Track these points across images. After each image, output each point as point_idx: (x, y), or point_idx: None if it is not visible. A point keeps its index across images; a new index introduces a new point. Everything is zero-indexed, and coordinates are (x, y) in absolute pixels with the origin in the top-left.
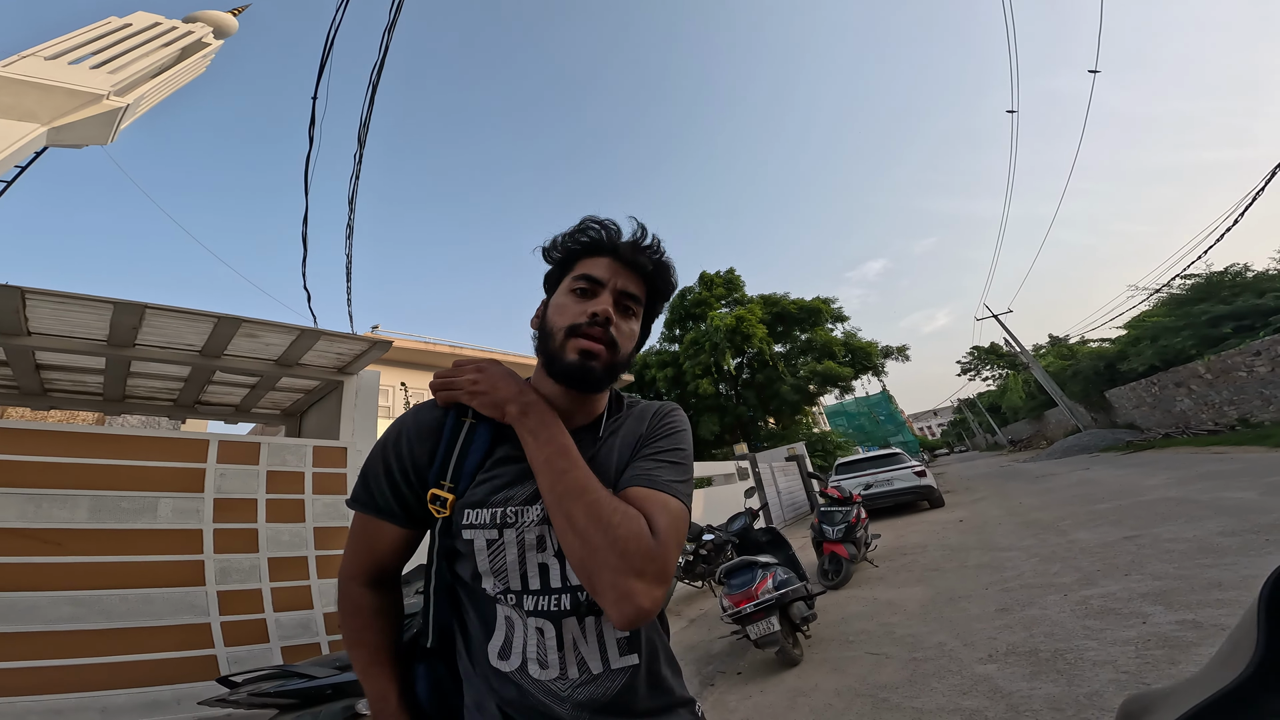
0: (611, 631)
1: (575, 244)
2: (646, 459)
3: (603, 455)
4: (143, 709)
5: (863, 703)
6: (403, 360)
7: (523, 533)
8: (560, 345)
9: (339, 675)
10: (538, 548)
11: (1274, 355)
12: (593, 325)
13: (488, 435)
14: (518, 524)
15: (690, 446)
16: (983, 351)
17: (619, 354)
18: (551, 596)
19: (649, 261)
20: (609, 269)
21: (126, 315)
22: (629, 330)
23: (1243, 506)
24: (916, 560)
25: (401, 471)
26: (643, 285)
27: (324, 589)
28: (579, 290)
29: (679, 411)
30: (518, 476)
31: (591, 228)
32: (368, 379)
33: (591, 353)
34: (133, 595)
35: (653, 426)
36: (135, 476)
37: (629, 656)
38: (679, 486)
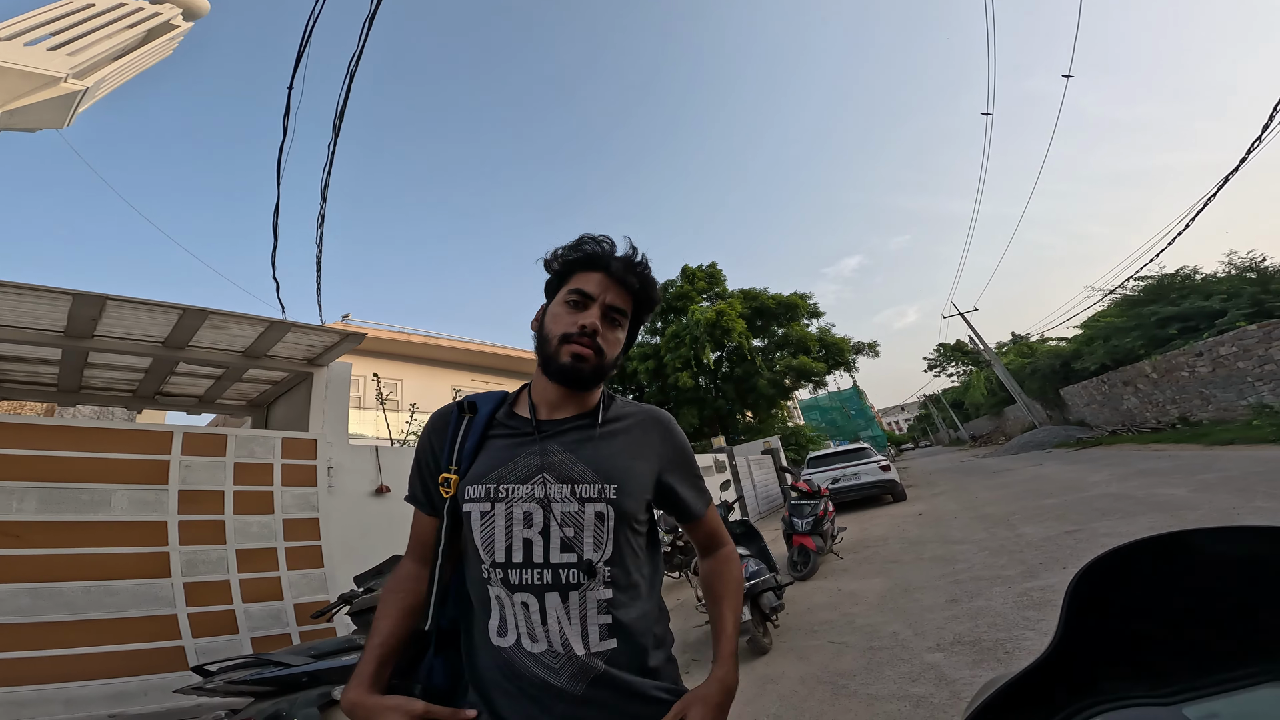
0: (594, 615)
1: (572, 258)
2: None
3: (603, 447)
4: (109, 700)
5: (824, 689)
6: (376, 350)
7: (511, 506)
8: (555, 350)
9: (314, 663)
10: (524, 523)
11: (1215, 356)
12: (582, 335)
13: (483, 422)
14: (508, 499)
15: (688, 442)
16: (949, 348)
17: (606, 359)
18: (534, 571)
19: (636, 280)
20: (600, 284)
21: (86, 307)
22: (615, 339)
23: (1173, 503)
24: (878, 552)
25: (426, 465)
26: (629, 300)
27: (294, 580)
28: (572, 302)
29: (674, 424)
30: (509, 453)
31: (588, 244)
32: (339, 371)
33: (581, 356)
34: (95, 587)
35: (674, 446)
36: (94, 469)
37: (608, 641)
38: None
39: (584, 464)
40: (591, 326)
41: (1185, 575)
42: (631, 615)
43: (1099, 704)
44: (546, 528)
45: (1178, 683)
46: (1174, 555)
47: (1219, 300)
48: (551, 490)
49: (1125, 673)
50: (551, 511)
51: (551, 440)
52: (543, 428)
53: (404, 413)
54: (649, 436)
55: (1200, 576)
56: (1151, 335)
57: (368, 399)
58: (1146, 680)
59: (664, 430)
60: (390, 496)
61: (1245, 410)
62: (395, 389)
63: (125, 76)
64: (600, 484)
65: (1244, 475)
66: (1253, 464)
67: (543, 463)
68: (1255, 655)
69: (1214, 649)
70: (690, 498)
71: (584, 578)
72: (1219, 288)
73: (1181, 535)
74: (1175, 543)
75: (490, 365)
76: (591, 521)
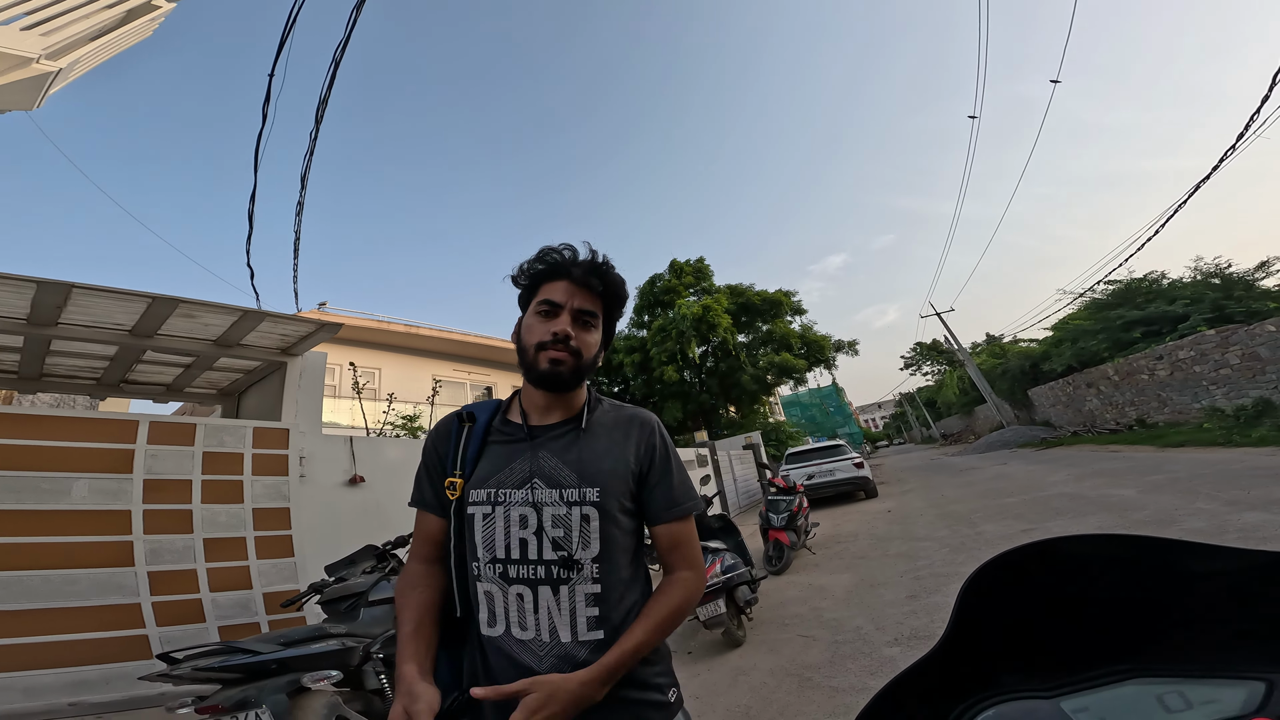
0: (582, 608)
1: (537, 270)
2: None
3: (587, 451)
4: (69, 689)
5: (791, 681)
6: (352, 339)
7: (509, 510)
8: (534, 358)
9: (284, 650)
10: (520, 525)
11: (1174, 360)
12: (556, 342)
13: (482, 430)
14: (506, 502)
15: (674, 447)
16: (925, 348)
17: (583, 360)
18: (529, 566)
19: (600, 282)
20: (566, 291)
21: (50, 295)
22: (589, 340)
23: (1123, 504)
24: (848, 548)
25: (434, 470)
26: (597, 301)
27: (263, 569)
28: (543, 312)
29: (658, 425)
30: (506, 459)
31: (549, 255)
32: (313, 360)
33: (558, 360)
34: (55, 575)
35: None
36: (56, 457)
37: (595, 632)
38: (694, 495)
39: (569, 469)
40: (563, 332)
41: (1064, 579)
42: (619, 608)
43: (992, 697)
44: (540, 529)
45: (1058, 679)
46: (1054, 560)
47: (1182, 305)
48: (541, 495)
49: (1016, 669)
50: (542, 515)
51: (542, 446)
52: (534, 433)
53: (382, 402)
54: (628, 438)
55: (1076, 580)
56: (1116, 338)
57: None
58: (1034, 676)
59: (643, 431)
60: (364, 487)
61: (1198, 413)
62: (373, 378)
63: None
64: (583, 488)
65: (1190, 477)
66: (1200, 466)
67: (533, 468)
68: (1123, 654)
69: (1089, 648)
70: (656, 502)
71: (572, 573)
72: (1183, 293)
73: (1058, 541)
74: (1054, 548)
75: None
76: (579, 523)
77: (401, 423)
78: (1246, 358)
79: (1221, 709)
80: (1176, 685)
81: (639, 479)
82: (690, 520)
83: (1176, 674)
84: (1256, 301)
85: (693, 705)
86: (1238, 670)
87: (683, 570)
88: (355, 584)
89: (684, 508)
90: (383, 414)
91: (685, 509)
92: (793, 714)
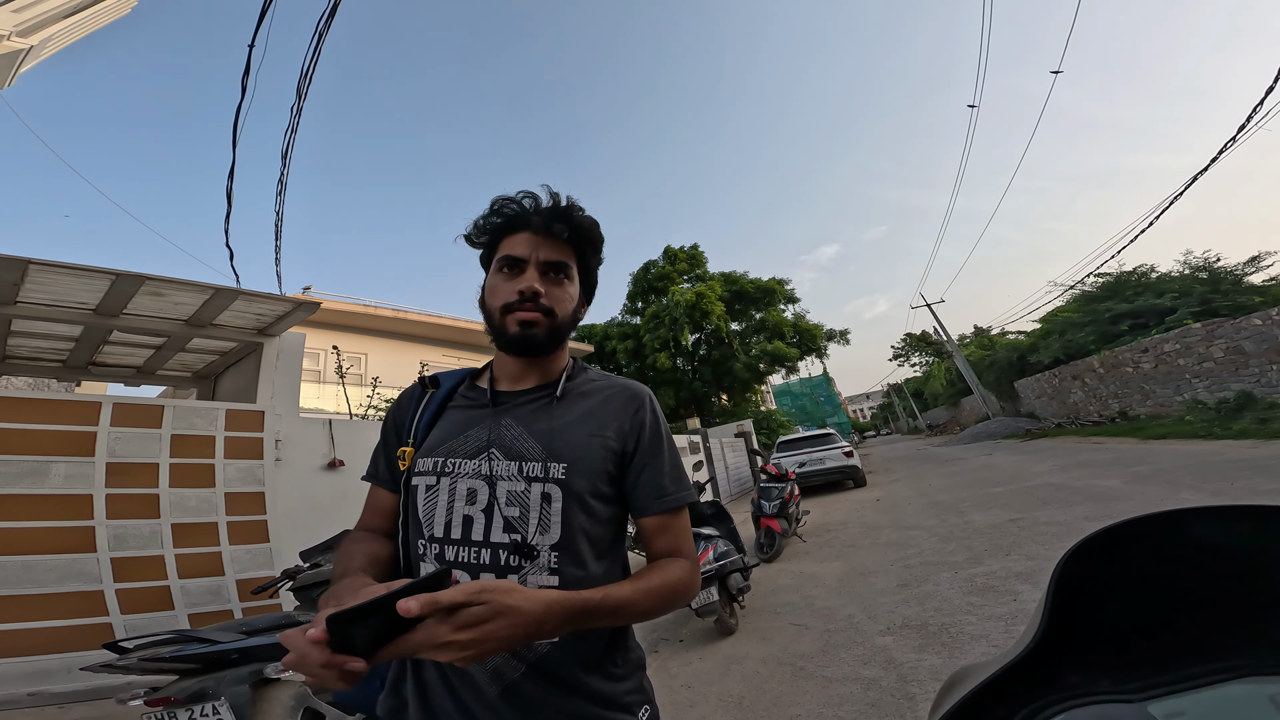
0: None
1: (494, 224)
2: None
3: (560, 425)
4: (28, 678)
5: (784, 670)
6: (337, 323)
7: (456, 481)
8: (501, 322)
9: (245, 640)
10: (467, 499)
11: (1158, 353)
12: (523, 302)
13: (443, 396)
14: (454, 473)
15: (669, 429)
16: (914, 339)
17: (558, 318)
18: (471, 549)
19: (566, 227)
20: (529, 244)
21: (6, 271)
22: (563, 294)
23: (1108, 494)
24: (838, 536)
25: (389, 440)
26: (567, 249)
27: (236, 555)
28: (505, 270)
29: (650, 400)
30: (461, 426)
31: (506, 206)
32: (291, 341)
33: (529, 322)
34: (10, 562)
35: (641, 424)
36: (11, 440)
37: None
38: (687, 484)
39: (535, 440)
40: (529, 290)
41: (1168, 560)
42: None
43: (1062, 700)
44: (490, 505)
45: (1144, 678)
46: (1162, 537)
47: (1170, 298)
48: (498, 467)
49: (1090, 667)
50: (496, 490)
51: (507, 414)
52: (499, 399)
53: (368, 387)
54: (613, 411)
55: (1184, 561)
56: (1104, 331)
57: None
58: (1112, 675)
59: (631, 405)
60: (343, 471)
61: (1180, 406)
62: (359, 363)
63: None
64: (547, 463)
65: (1173, 469)
66: (1182, 458)
67: (491, 437)
68: (1229, 650)
69: (1187, 642)
70: (641, 490)
71: (522, 561)
72: (1172, 286)
73: (1175, 514)
74: (1167, 523)
75: (461, 340)
76: (537, 503)
77: (385, 406)
78: (1230, 351)
79: None
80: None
81: (621, 459)
82: (684, 513)
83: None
84: (1243, 296)
85: (685, 694)
86: None
87: (683, 559)
88: (329, 570)
89: (675, 498)
90: (367, 397)
91: (677, 499)
92: (787, 704)
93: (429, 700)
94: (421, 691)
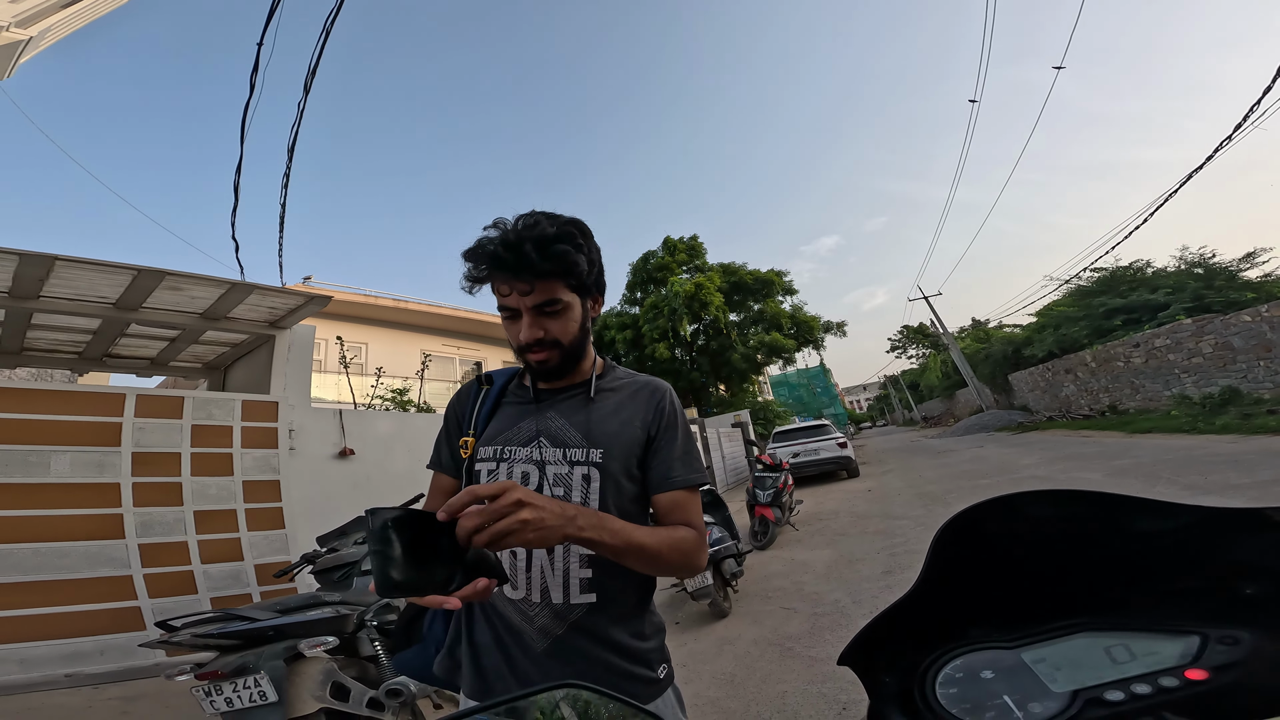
0: (576, 569)
1: (477, 275)
2: (671, 458)
3: (597, 416)
4: (64, 660)
5: (774, 651)
6: (339, 314)
7: (513, 466)
8: (521, 358)
9: (281, 618)
10: (522, 480)
11: (1150, 348)
12: (528, 349)
13: (497, 393)
14: (510, 459)
15: (686, 419)
16: (911, 331)
17: (564, 346)
18: None
19: (538, 268)
20: (511, 290)
21: (33, 267)
22: (565, 322)
23: (1088, 486)
24: (829, 525)
25: (451, 432)
26: (552, 283)
27: (254, 541)
28: (505, 316)
29: (670, 393)
30: (514, 419)
31: (478, 252)
32: (302, 333)
33: (541, 360)
34: (46, 549)
35: (660, 412)
36: (42, 431)
37: (587, 595)
38: (698, 468)
39: (575, 430)
40: (528, 340)
41: (1025, 533)
42: (613, 574)
43: (961, 647)
44: (540, 486)
45: (1019, 631)
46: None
47: (1164, 294)
48: (546, 453)
49: (983, 621)
50: (545, 472)
51: (550, 408)
52: (541, 396)
53: (370, 377)
54: (639, 404)
55: (1036, 534)
56: (1098, 325)
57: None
58: (1000, 628)
59: (656, 398)
60: (354, 459)
61: (1168, 400)
62: (360, 353)
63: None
64: (587, 449)
65: (1154, 462)
66: (1164, 452)
67: (539, 428)
68: (1077, 607)
69: (1048, 601)
70: (655, 469)
71: None
72: (1166, 282)
73: (1019, 496)
74: (1016, 503)
75: (460, 330)
76: (579, 483)
77: (391, 396)
78: (1219, 347)
79: (1160, 660)
80: (1123, 638)
81: (646, 445)
82: (695, 494)
83: (1123, 627)
84: (1236, 292)
85: (681, 672)
86: (1177, 624)
87: (694, 529)
88: (347, 554)
89: (684, 478)
90: (371, 388)
91: (686, 479)
92: (775, 681)
93: (480, 661)
94: (475, 654)
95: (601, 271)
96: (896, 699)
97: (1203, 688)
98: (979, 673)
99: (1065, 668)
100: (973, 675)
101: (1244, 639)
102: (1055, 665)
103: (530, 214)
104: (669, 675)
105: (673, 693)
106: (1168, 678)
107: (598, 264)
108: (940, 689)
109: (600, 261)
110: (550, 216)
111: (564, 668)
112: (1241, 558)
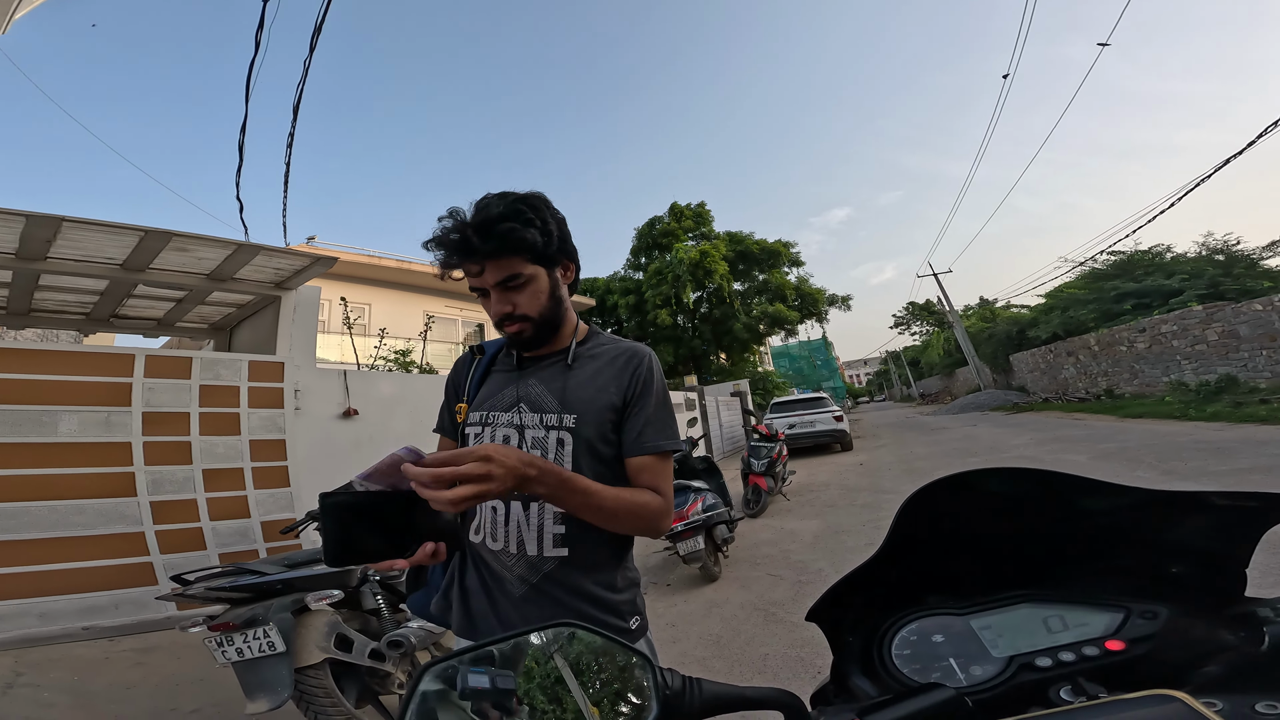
0: (550, 525)
1: (444, 263)
2: (642, 424)
3: (573, 383)
4: (81, 614)
5: (758, 615)
6: (343, 274)
7: (495, 430)
8: (501, 331)
9: (289, 572)
10: (503, 444)
11: (1155, 334)
12: (500, 324)
13: (487, 362)
14: (493, 424)
15: (665, 385)
16: (917, 308)
17: (536, 319)
18: None
19: (484, 249)
20: (475, 273)
21: (40, 228)
22: (532, 294)
23: (1072, 468)
24: (819, 496)
25: (449, 398)
26: (511, 259)
27: (260, 499)
28: (479, 296)
29: (649, 359)
30: (499, 386)
31: (439, 242)
32: (307, 294)
33: (516, 332)
34: (63, 506)
35: (637, 379)
36: (54, 391)
37: (559, 549)
38: (670, 435)
39: (552, 395)
40: (497, 315)
41: (979, 508)
42: (585, 529)
43: (917, 612)
44: (519, 449)
45: (969, 599)
46: (971, 491)
47: (1179, 280)
48: (525, 418)
49: (940, 588)
50: (524, 436)
51: (531, 375)
52: (523, 364)
53: (372, 337)
54: (616, 370)
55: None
56: (1106, 309)
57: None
58: (953, 596)
59: (634, 364)
60: (357, 420)
61: (1165, 386)
62: (363, 314)
63: None
64: (561, 414)
65: (1139, 447)
66: (1151, 437)
67: (520, 394)
68: (1023, 580)
69: (997, 573)
70: (631, 430)
71: None
72: (1183, 268)
73: (973, 474)
74: (970, 480)
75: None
76: (554, 446)
77: (394, 357)
78: (1225, 335)
79: (1088, 631)
80: (1060, 610)
81: (621, 411)
82: (665, 460)
83: (1063, 600)
84: (1254, 280)
85: (669, 632)
86: (1110, 598)
87: (662, 498)
88: None
89: (654, 444)
90: (374, 349)
91: (656, 445)
92: (758, 644)
93: (469, 603)
94: (464, 597)
95: (565, 239)
96: (857, 658)
97: (1118, 658)
98: (931, 636)
99: (1007, 634)
100: (925, 638)
101: (1161, 614)
102: (998, 632)
103: (484, 197)
104: (641, 627)
105: (645, 644)
106: (1090, 647)
107: (556, 233)
108: (895, 650)
109: (562, 230)
110: (502, 196)
111: (540, 612)
112: (1174, 538)
